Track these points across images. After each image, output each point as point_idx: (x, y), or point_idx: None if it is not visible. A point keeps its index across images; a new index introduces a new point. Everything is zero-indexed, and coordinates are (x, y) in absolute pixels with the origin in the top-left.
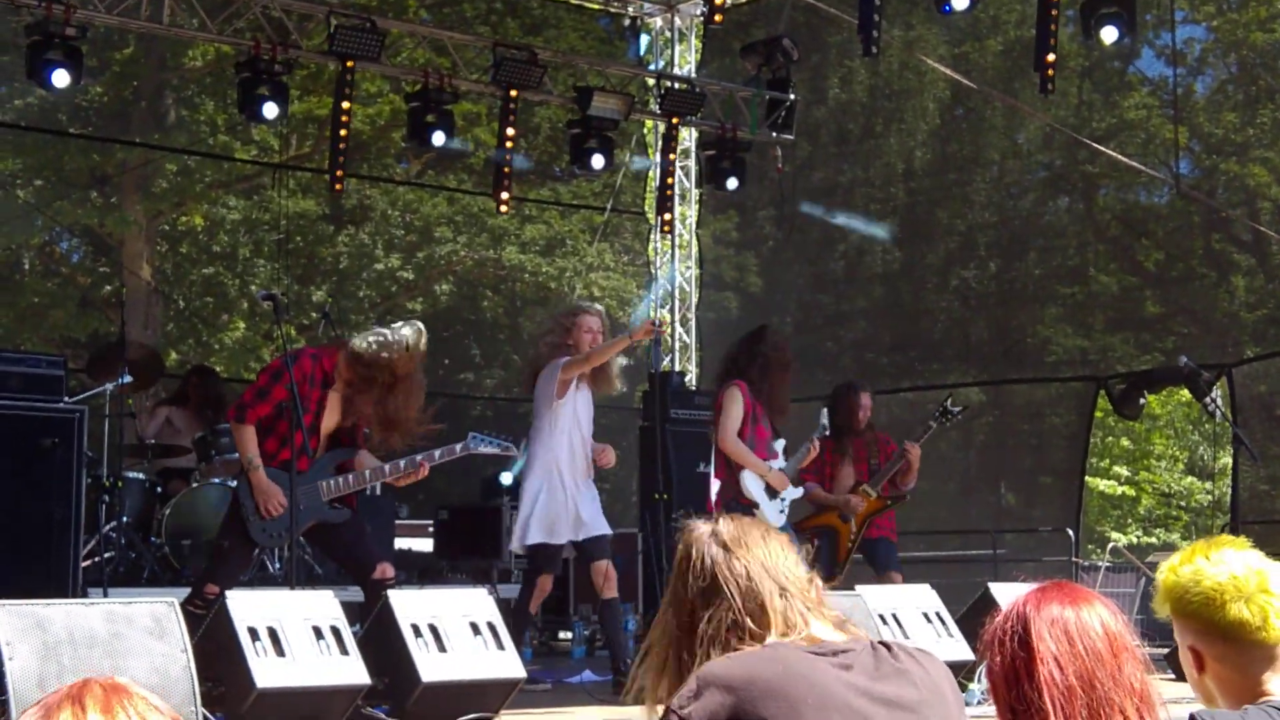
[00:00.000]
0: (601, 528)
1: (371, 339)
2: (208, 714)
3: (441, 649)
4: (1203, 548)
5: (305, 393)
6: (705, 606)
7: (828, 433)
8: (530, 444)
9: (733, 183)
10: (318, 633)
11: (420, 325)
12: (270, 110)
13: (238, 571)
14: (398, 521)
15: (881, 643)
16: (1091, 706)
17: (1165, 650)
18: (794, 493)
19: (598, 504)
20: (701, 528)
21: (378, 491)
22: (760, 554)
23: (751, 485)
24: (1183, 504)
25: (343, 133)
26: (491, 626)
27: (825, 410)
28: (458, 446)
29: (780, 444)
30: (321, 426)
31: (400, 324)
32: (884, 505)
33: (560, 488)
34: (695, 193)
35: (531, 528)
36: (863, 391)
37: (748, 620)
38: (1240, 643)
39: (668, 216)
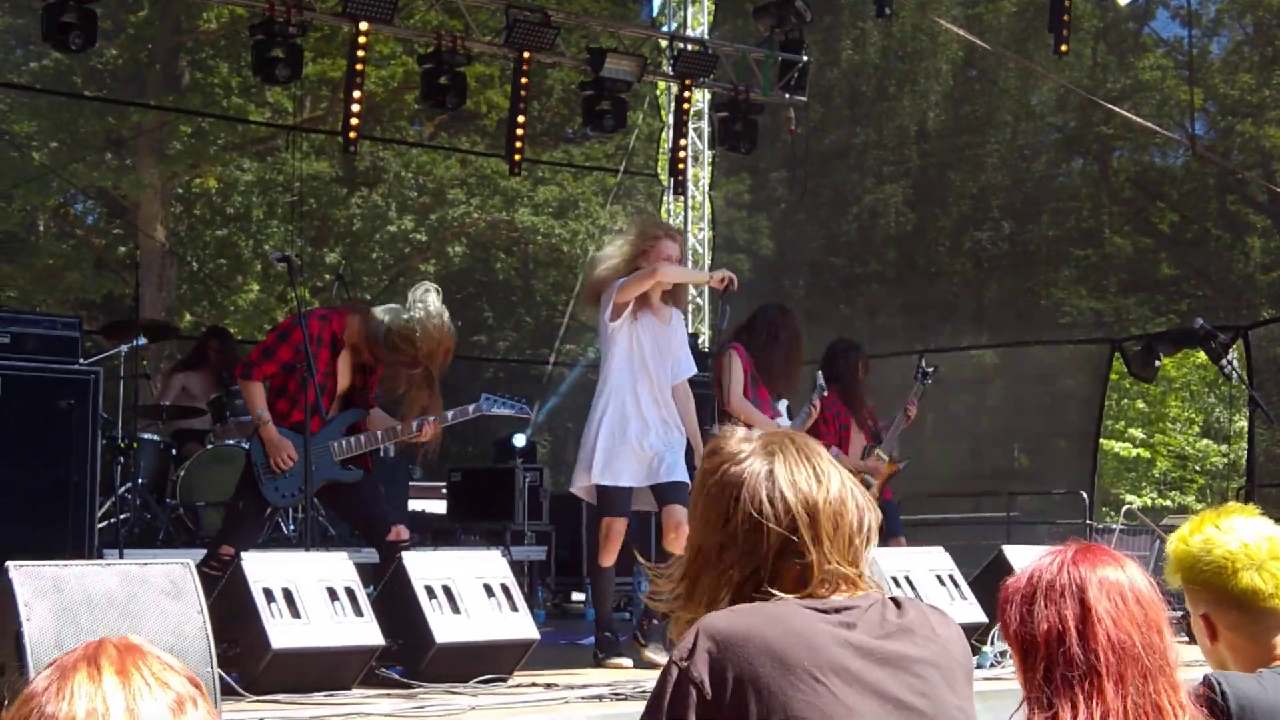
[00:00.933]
0: (680, 474)
1: (404, 316)
2: (223, 674)
3: (455, 610)
4: (1212, 517)
5: (313, 353)
6: (741, 545)
7: (825, 393)
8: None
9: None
10: (332, 594)
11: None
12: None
13: (253, 533)
14: (411, 483)
15: (891, 598)
16: (1145, 673)
17: (1179, 614)
18: None
19: (679, 449)
20: (757, 468)
21: (391, 453)
22: (814, 514)
23: None
24: (1198, 467)
25: (356, 95)
26: (505, 588)
27: (820, 372)
28: (470, 407)
29: (783, 404)
30: (336, 388)
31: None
32: (897, 469)
33: (624, 425)
34: (708, 154)
35: (584, 468)
36: (862, 351)
37: (776, 576)
38: (1253, 610)
39: (680, 179)
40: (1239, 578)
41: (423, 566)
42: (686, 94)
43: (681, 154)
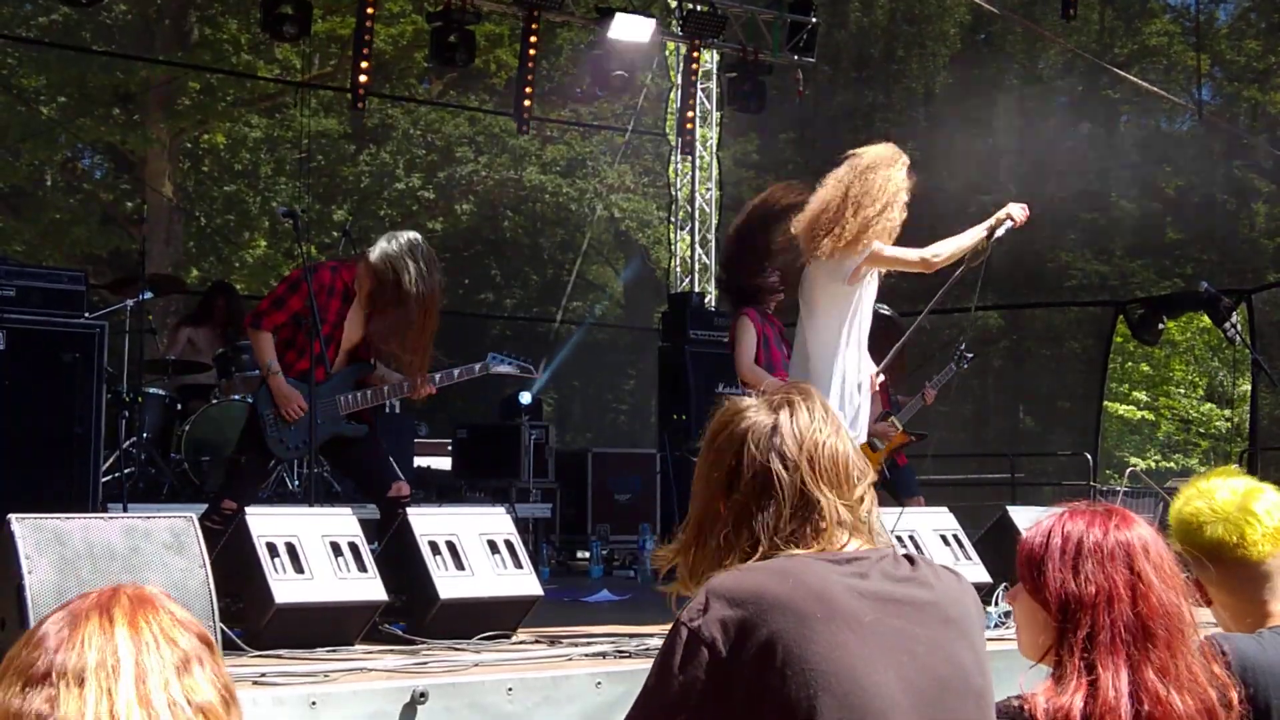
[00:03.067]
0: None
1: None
2: (226, 629)
3: (459, 567)
4: (1196, 480)
5: (323, 303)
6: (751, 504)
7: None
8: (804, 339)
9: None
10: (336, 549)
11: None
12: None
13: (254, 486)
14: (417, 440)
15: (906, 555)
16: (1186, 638)
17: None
18: None
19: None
20: (762, 420)
21: (397, 410)
22: (819, 461)
23: None
24: (1202, 430)
25: (365, 51)
26: (509, 545)
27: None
28: (476, 366)
29: None
30: (341, 340)
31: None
32: (908, 440)
33: (851, 398)
34: (716, 115)
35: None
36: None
37: (789, 528)
38: (1224, 562)
39: (688, 138)
40: (1204, 531)
41: (427, 523)
42: (695, 54)
43: (690, 114)
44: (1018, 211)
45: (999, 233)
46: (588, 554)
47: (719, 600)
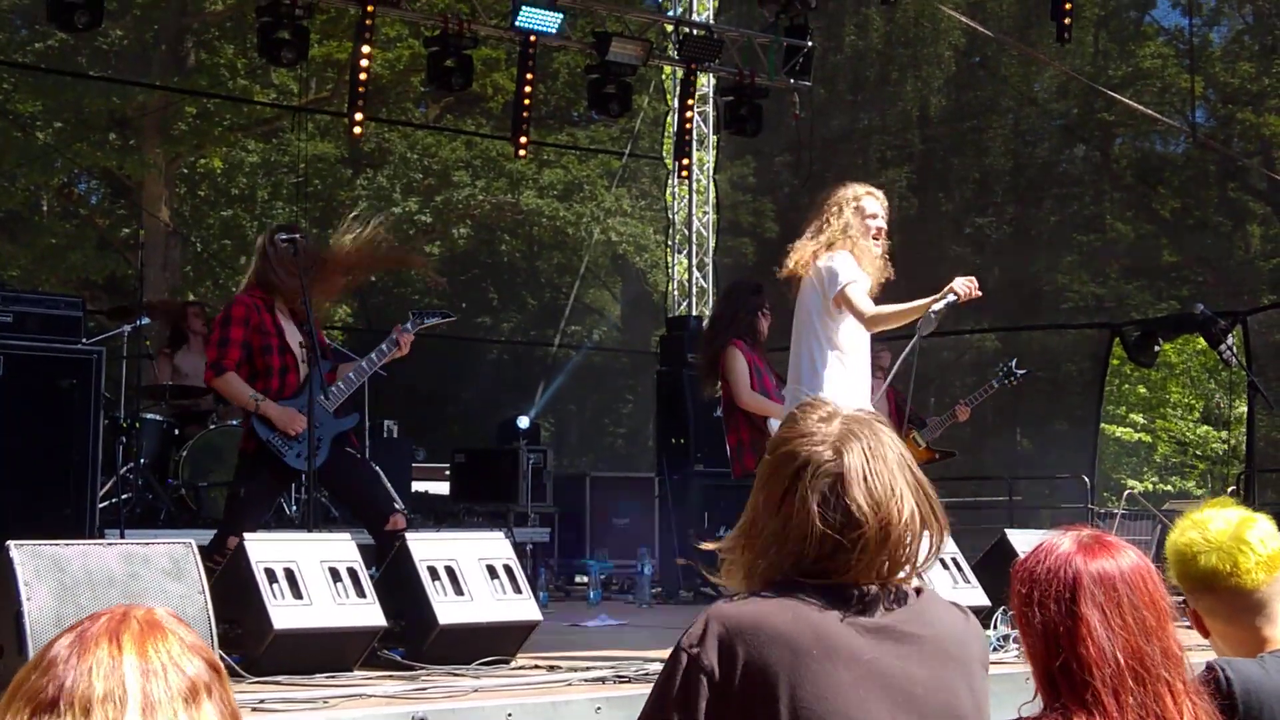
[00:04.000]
0: None
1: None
2: (224, 655)
3: (458, 592)
4: (1190, 512)
5: (257, 323)
6: (789, 530)
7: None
8: (809, 367)
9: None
10: (335, 575)
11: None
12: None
13: (258, 517)
14: (414, 464)
15: (915, 589)
16: (1143, 683)
17: (1180, 599)
18: None
19: None
20: (827, 456)
21: (395, 435)
22: (872, 515)
23: None
24: (1199, 452)
25: (362, 76)
26: (508, 569)
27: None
28: (408, 324)
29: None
30: (290, 345)
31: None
32: (932, 458)
33: None
34: (713, 138)
35: None
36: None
37: (812, 564)
38: (1217, 591)
39: (685, 162)
40: (1198, 560)
41: (426, 548)
42: (692, 78)
43: (686, 138)
44: (960, 286)
45: (937, 306)
46: (586, 578)
47: (720, 628)
